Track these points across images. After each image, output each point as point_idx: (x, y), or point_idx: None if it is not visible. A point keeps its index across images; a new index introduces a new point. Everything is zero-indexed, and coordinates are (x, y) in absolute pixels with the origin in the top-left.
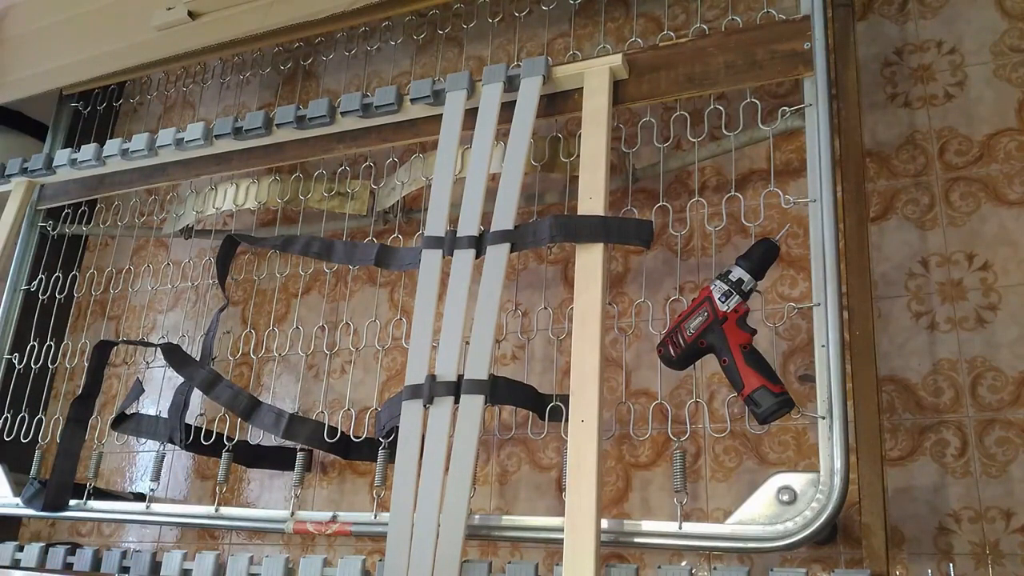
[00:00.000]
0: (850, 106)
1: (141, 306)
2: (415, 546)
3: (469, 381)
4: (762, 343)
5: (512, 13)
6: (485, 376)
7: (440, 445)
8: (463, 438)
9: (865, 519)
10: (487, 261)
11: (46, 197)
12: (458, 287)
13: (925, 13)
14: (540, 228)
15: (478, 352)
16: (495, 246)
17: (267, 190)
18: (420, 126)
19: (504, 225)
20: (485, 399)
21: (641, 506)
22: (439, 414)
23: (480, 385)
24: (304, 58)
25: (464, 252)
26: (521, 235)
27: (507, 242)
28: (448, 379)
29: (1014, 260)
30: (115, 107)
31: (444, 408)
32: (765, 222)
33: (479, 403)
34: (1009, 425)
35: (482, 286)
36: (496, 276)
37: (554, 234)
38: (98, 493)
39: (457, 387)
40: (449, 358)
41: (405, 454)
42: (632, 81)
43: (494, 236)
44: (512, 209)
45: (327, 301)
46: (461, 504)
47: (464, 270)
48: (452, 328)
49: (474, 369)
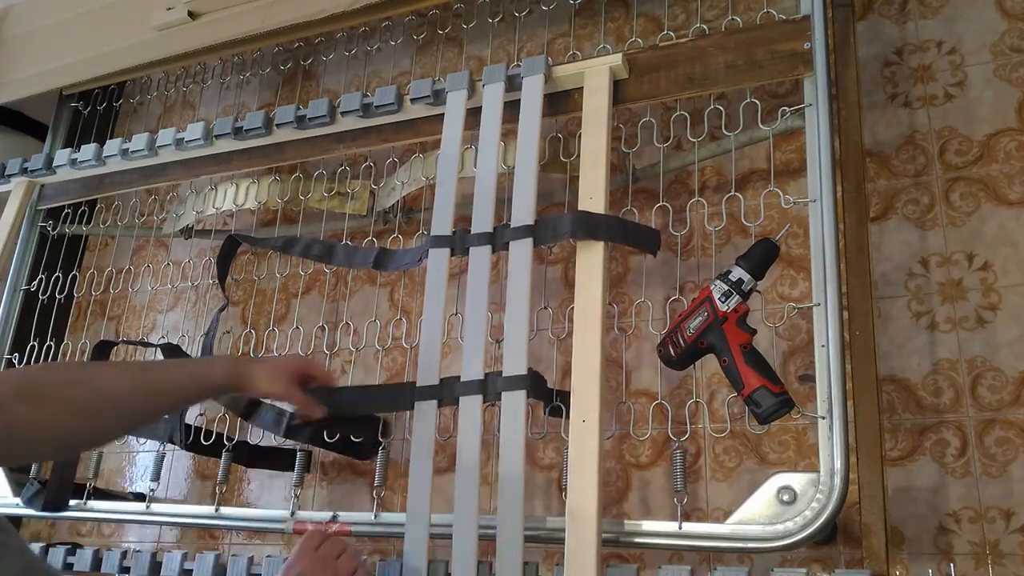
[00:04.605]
0: (850, 106)
1: (141, 306)
2: (456, 548)
3: (509, 378)
4: (762, 343)
5: (512, 13)
6: (524, 371)
7: (473, 444)
8: (510, 435)
9: (865, 519)
10: (512, 256)
11: (46, 197)
12: (478, 284)
13: (925, 13)
14: (561, 223)
15: (514, 348)
16: (518, 241)
17: (267, 190)
18: (420, 126)
19: (525, 220)
20: (527, 394)
21: (641, 506)
22: (469, 413)
23: (521, 380)
24: (304, 58)
25: (480, 249)
26: (542, 229)
27: (529, 237)
28: (475, 377)
29: (1014, 260)
30: (115, 107)
31: (473, 407)
32: (765, 222)
33: (521, 398)
34: (1009, 425)
35: (510, 281)
36: (523, 270)
37: (575, 230)
38: (98, 493)
39: (484, 385)
40: (476, 356)
41: (420, 455)
42: (632, 81)
43: (516, 231)
44: (531, 204)
45: (327, 301)
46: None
47: (482, 267)
48: (475, 326)
49: (512, 365)
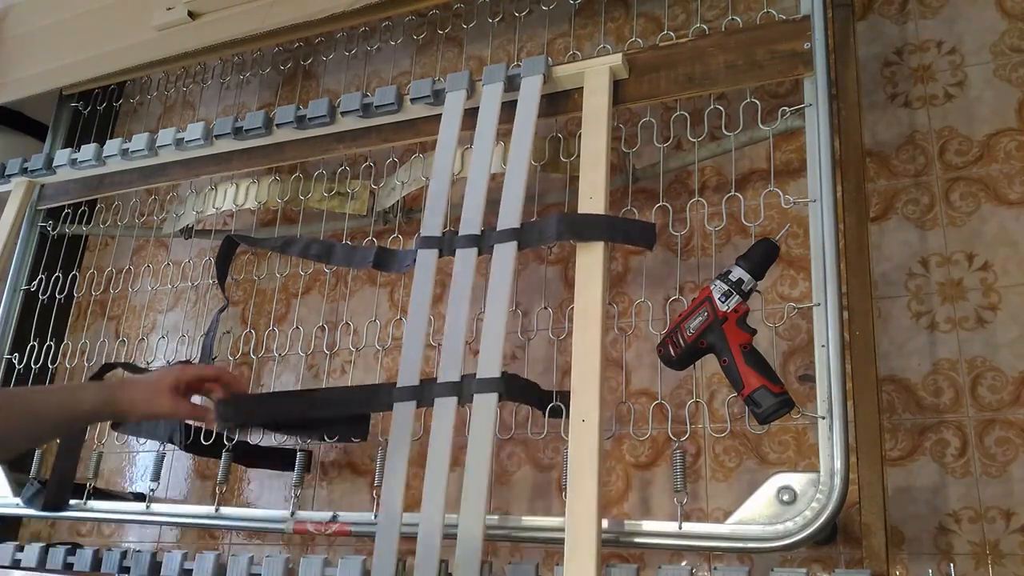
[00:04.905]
0: (850, 106)
1: (141, 306)
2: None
3: (482, 379)
4: (762, 343)
5: (512, 13)
6: (498, 374)
7: (444, 445)
8: (478, 437)
9: (865, 519)
10: (495, 259)
11: (46, 197)
12: (461, 286)
13: (925, 13)
14: (547, 226)
15: (490, 350)
16: (502, 244)
17: (267, 190)
18: (420, 126)
19: (510, 223)
20: (500, 396)
21: (641, 506)
22: (443, 414)
23: (494, 383)
24: (304, 58)
25: (466, 251)
26: (528, 233)
27: (514, 240)
28: (451, 379)
29: (1014, 260)
30: (115, 107)
31: (447, 408)
32: (765, 222)
33: (492, 401)
34: (1009, 425)
35: (491, 284)
36: (505, 274)
37: (561, 231)
38: (98, 493)
39: (460, 387)
40: (453, 358)
41: (395, 456)
42: (632, 81)
43: (501, 234)
44: (518, 207)
45: (327, 301)
46: (479, 504)
47: (467, 269)
48: (455, 328)
49: (486, 367)
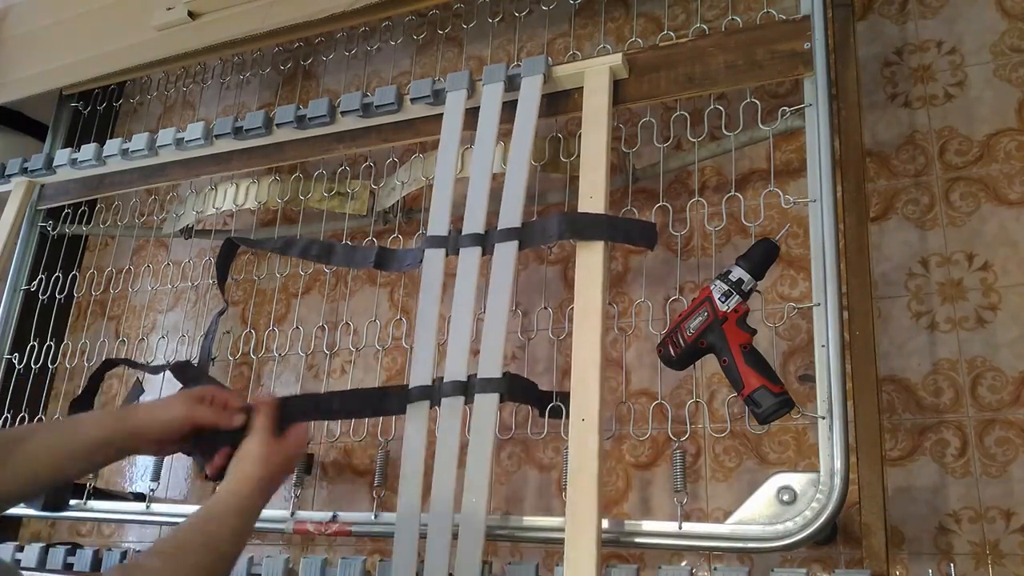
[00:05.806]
0: (850, 106)
1: (141, 306)
2: (430, 546)
3: (483, 380)
4: (762, 343)
5: (512, 13)
6: (499, 374)
7: (452, 445)
8: (479, 437)
9: (865, 519)
10: (496, 259)
11: (46, 197)
12: (465, 286)
13: (925, 13)
14: (548, 225)
15: (491, 350)
16: (503, 243)
17: (267, 190)
18: (420, 126)
19: (512, 223)
20: (501, 397)
21: (641, 506)
22: (449, 414)
23: (495, 383)
24: (304, 58)
25: (470, 251)
26: (529, 232)
27: (515, 239)
28: (458, 379)
29: (1014, 260)
30: (115, 107)
31: (454, 408)
32: (765, 222)
33: (494, 401)
34: (1009, 425)
35: (491, 284)
36: (506, 274)
37: (562, 231)
38: (98, 493)
39: (466, 386)
40: (459, 357)
41: (411, 456)
42: (632, 81)
43: (502, 234)
44: (519, 207)
45: (327, 301)
46: (480, 503)
47: (471, 268)
48: (460, 327)
49: (487, 367)
